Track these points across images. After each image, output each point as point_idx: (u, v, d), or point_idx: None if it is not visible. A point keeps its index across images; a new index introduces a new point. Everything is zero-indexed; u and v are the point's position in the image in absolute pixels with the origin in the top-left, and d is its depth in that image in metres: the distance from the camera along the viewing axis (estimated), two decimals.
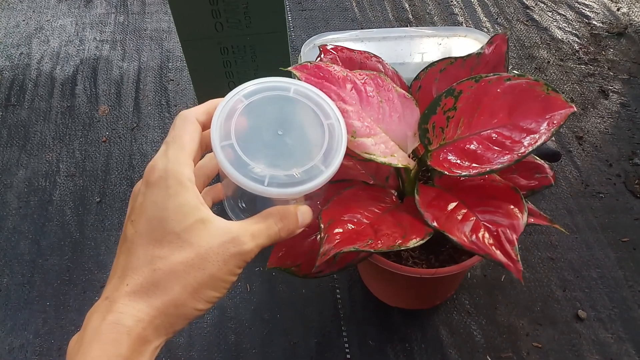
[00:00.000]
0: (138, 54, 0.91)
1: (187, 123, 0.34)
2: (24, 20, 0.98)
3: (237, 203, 0.43)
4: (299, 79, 0.41)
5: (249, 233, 0.33)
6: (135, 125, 0.79)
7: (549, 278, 0.61)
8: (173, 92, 0.84)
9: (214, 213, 0.33)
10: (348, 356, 0.56)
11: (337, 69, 0.43)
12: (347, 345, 0.57)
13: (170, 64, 0.89)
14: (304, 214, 0.37)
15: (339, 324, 0.58)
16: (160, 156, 0.33)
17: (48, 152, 0.76)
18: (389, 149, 0.42)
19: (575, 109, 0.41)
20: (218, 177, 0.43)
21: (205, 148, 0.37)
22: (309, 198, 0.39)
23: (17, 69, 0.89)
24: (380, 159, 0.41)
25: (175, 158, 0.32)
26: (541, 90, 0.41)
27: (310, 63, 0.43)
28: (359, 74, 0.42)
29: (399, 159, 0.42)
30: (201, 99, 0.71)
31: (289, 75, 0.42)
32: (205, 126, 0.36)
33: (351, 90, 0.42)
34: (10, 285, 0.62)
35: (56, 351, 0.57)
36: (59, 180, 0.73)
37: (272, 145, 0.36)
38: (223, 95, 0.41)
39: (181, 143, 0.33)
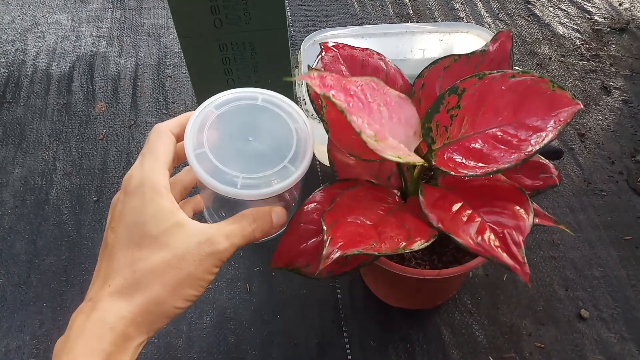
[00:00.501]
0: (135, 50, 0.90)
1: (161, 135, 0.37)
2: (19, 16, 0.97)
3: (217, 212, 0.46)
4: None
5: (223, 233, 0.35)
6: (132, 122, 0.78)
7: (551, 277, 0.61)
8: (171, 88, 0.83)
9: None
10: (349, 357, 0.55)
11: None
12: (348, 346, 0.56)
13: (168, 60, 0.88)
14: (278, 214, 0.39)
15: (339, 325, 0.57)
16: (136, 167, 0.35)
17: (44, 150, 0.75)
18: (402, 150, 0.41)
19: (582, 106, 0.40)
20: (197, 188, 0.43)
21: (179, 159, 0.39)
22: (282, 199, 0.40)
23: (13, 65, 0.87)
24: (403, 159, 0.40)
25: (151, 168, 0.35)
26: (546, 87, 0.41)
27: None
28: (356, 81, 0.41)
29: (415, 158, 0.42)
30: (200, 96, 0.70)
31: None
32: (179, 138, 0.38)
33: (355, 99, 0.41)
34: (6, 286, 0.61)
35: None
36: (56, 178, 0.72)
37: (243, 151, 0.39)
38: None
39: (156, 154, 0.36)
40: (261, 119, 0.41)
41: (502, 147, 0.41)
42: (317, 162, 0.73)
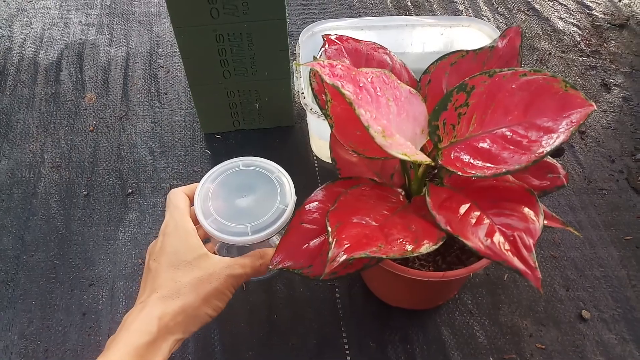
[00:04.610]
0: (126, 39, 0.87)
1: (179, 195, 0.48)
2: (4, 1, 0.94)
3: (231, 255, 0.54)
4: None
5: (239, 264, 0.46)
6: (123, 114, 0.76)
7: (552, 277, 0.60)
8: (163, 79, 0.81)
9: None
10: (348, 358, 0.54)
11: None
12: (347, 346, 0.55)
13: (160, 49, 0.85)
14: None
15: (338, 325, 0.56)
16: (169, 218, 0.46)
17: (32, 141, 0.73)
18: (409, 147, 0.40)
19: (595, 108, 0.39)
20: None
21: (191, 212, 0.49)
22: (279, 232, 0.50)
23: None
24: (410, 157, 0.38)
25: (181, 217, 0.46)
26: (559, 86, 0.39)
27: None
28: (366, 73, 0.40)
29: (423, 156, 0.40)
30: (195, 88, 0.67)
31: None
32: (189, 197, 0.49)
33: (364, 92, 0.40)
34: None
35: (42, 353, 0.54)
36: (44, 171, 0.69)
37: (242, 206, 0.50)
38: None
39: (181, 209, 0.47)
40: (247, 179, 0.52)
41: (512, 147, 0.40)
42: (315, 158, 0.71)
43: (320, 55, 0.48)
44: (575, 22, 0.90)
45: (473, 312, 0.57)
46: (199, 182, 0.51)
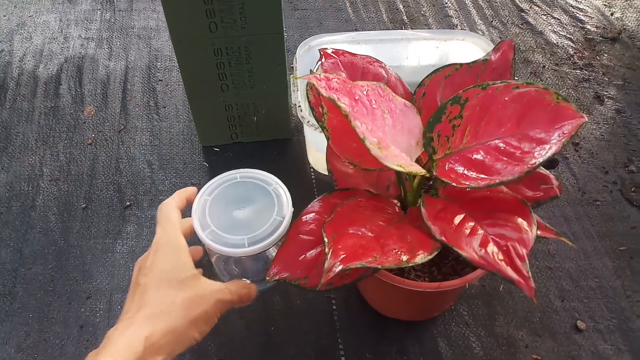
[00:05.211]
0: (125, 53, 0.88)
1: (170, 208, 0.47)
2: (4, 16, 0.95)
3: (227, 267, 0.58)
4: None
5: (229, 290, 0.45)
6: (122, 127, 0.77)
7: (547, 288, 0.60)
8: (162, 93, 0.82)
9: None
10: None
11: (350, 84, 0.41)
12: (343, 358, 0.55)
13: (158, 63, 0.86)
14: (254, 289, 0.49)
15: (335, 336, 0.56)
16: (161, 232, 0.45)
17: (30, 154, 0.73)
18: (404, 159, 0.41)
19: (586, 119, 0.39)
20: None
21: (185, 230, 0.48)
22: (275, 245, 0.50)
23: None
24: (406, 169, 0.39)
25: (173, 232, 0.45)
26: (551, 99, 0.40)
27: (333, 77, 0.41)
28: (361, 86, 0.41)
29: (418, 168, 0.41)
30: (193, 101, 0.68)
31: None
32: (180, 209, 0.48)
33: (359, 104, 0.40)
34: None
35: None
36: (42, 184, 0.70)
37: (240, 218, 0.50)
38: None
39: (173, 223, 0.46)
40: (244, 191, 0.52)
41: (505, 158, 0.40)
42: (312, 170, 0.72)
43: (317, 69, 0.49)
44: (569, 36, 0.92)
45: (469, 323, 0.58)
46: (193, 190, 0.51)
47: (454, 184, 0.41)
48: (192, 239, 0.48)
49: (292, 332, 0.57)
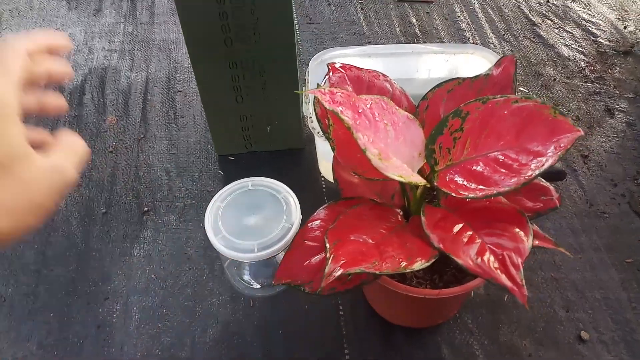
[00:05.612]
0: (146, 64, 0.92)
1: (16, 53, 0.33)
2: (33, 28, 0.99)
3: (240, 271, 0.61)
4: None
5: (69, 161, 0.34)
6: (142, 136, 0.80)
7: (552, 298, 0.61)
8: (180, 103, 0.85)
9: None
10: None
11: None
12: None
13: (178, 74, 0.90)
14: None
15: (341, 342, 0.58)
16: None
17: None
18: (405, 170, 0.42)
19: (582, 133, 0.41)
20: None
21: (33, 82, 0.36)
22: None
23: None
24: (406, 179, 0.41)
25: (3, 88, 0.31)
26: (548, 113, 0.42)
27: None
28: (365, 99, 0.43)
29: (418, 178, 0.43)
30: (209, 112, 0.71)
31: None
32: (30, 54, 0.34)
33: (362, 117, 0.42)
34: (14, 295, 0.62)
35: None
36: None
37: (251, 224, 0.53)
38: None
39: (11, 75, 0.32)
40: (255, 198, 0.55)
41: (503, 170, 0.42)
42: (322, 179, 0.74)
43: (325, 83, 0.51)
44: (581, 49, 0.92)
45: (473, 331, 0.59)
46: (62, 39, 0.38)
47: (453, 194, 0.42)
48: None
49: (300, 337, 0.58)
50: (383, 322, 0.59)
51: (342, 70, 0.51)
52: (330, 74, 0.51)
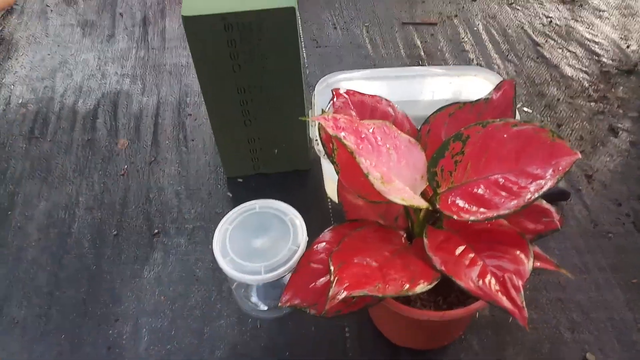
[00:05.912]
0: (157, 89, 0.94)
1: None
2: (49, 54, 1.02)
3: (248, 293, 0.62)
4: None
5: None
6: (153, 159, 0.82)
7: (557, 319, 0.61)
8: (191, 126, 0.87)
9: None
10: None
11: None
12: None
13: (188, 98, 0.92)
14: None
15: None
16: None
17: (68, 184, 0.79)
18: (407, 193, 0.44)
19: (580, 156, 0.42)
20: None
21: None
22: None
23: (41, 102, 0.92)
24: (408, 202, 0.42)
25: None
26: (547, 136, 0.43)
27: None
28: (367, 124, 0.44)
29: (420, 201, 0.44)
30: (218, 135, 0.73)
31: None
32: None
33: (365, 142, 0.43)
34: (27, 317, 0.63)
35: None
36: (78, 212, 0.75)
37: (257, 246, 0.54)
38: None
39: None
40: (262, 220, 0.56)
41: (503, 193, 0.43)
42: (329, 201, 0.75)
43: (329, 108, 0.53)
44: (584, 69, 0.93)
45: (478, 352, 0.59)
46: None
47: (455, 216, 0.43)
48: None
49: (307, 358, 0.59)
50: (389, 343, 0.60)
51: (346, 96, 0.53)
52: (335, 99, 0.53)
